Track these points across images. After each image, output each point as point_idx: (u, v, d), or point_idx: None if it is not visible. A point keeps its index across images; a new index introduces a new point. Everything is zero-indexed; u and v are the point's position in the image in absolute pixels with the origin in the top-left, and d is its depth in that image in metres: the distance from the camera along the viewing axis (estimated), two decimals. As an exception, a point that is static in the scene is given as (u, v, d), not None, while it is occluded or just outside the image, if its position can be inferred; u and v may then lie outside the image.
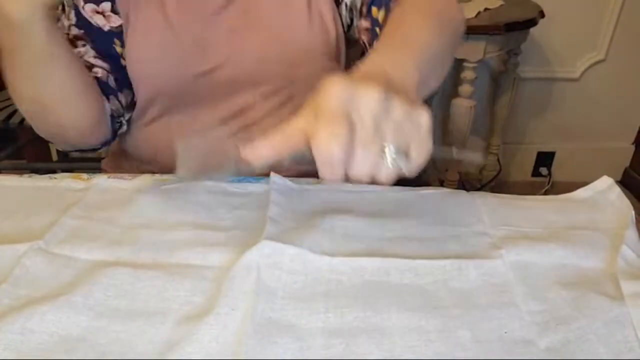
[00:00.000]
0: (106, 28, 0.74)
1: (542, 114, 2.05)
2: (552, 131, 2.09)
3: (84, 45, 0.73)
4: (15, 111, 1.53)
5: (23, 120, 1.49)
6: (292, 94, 0.76)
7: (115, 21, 0.74)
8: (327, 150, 0.35)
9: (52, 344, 0.43)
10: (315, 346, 0.43)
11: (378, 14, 0.68)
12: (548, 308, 0.46)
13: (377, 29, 0.69)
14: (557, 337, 0.43)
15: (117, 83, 0.75)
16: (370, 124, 0.35)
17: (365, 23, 0.72)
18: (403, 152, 0.36)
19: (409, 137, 0.37)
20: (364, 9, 0.71)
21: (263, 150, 0.39)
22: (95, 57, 0.74)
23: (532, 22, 1.55)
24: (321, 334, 0.44)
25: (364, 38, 0.73)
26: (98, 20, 0.73)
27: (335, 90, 0.35)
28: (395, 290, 0.48)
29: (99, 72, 0.74)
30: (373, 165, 0.36)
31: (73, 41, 0.73)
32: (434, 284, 0.49)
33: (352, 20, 0.75)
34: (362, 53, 0.79)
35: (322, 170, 0.36)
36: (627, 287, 0.47)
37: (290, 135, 0.39)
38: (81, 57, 0.72)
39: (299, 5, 0.73)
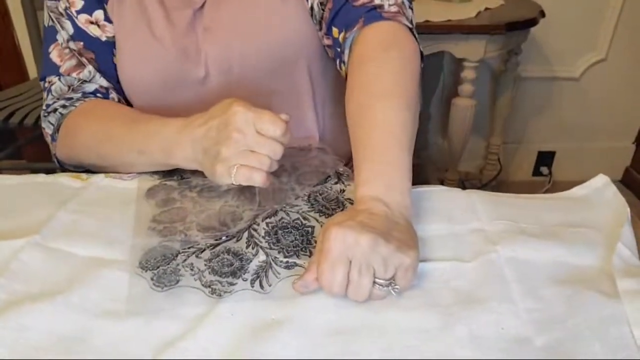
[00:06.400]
0: (103, 38, 0.73)
1: (543, 114, 2.05)
2: (552, 130, 2.08)
3: (89, 62, 0.73)
4: (15, 111, 1.50)
5: (23, 120, 1.47)
6: (275, 89, 0.74)
7: (110, 30, 0.73)
8: (328, 283, 0.45)
9: (49, 343, 0.43)
10: (315, 344, 0.43)
11: (339, 35, 0.67)
12: (544, 306, 0.46)
13: (339, 49, 0.67)
14: (553, 335, 0.43)
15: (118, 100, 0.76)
16: (362, 262, 0.45)
17: (326, 40, 0.70)
18: (390, 281, 0.46)
19: (395, 269, 0.46)
20: (324, 25, 0.69)
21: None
22: (101, 77, 0.74)
23: (532, 22, 1.55)
24: (320, 333, 0.44)
25: (329, 52, 0.72)
26: (94, 31, 0.72)
27: (339, 238, 0.45)
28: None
29: (114, 95, 0.74)
30: (366, 290, 0.46)
31: (78, 60, 0.72)
32: (433, 284, 0.49)
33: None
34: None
35: (327, 293, 0.47)
36: (622, 284, 0.47)
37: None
38: (91, 78, 0.73)
39: None
